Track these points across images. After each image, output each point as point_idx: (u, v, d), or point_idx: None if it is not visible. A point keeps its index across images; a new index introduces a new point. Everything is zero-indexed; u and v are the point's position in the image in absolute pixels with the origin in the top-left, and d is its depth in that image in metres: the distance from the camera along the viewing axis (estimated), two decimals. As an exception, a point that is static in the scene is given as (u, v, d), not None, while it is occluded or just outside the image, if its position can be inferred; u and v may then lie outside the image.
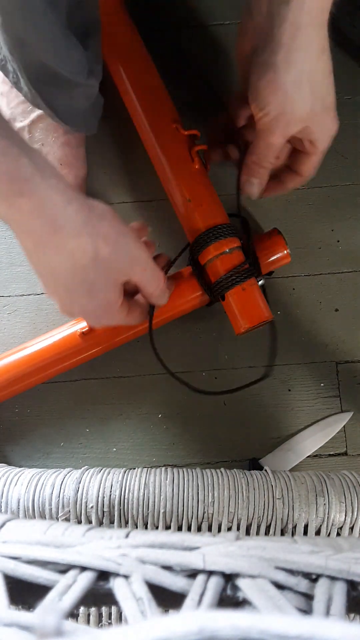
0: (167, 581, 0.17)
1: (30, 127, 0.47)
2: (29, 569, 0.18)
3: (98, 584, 0.18)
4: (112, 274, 0.33)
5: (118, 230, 0.32)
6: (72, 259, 0.31)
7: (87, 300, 0.34)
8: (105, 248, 0.31)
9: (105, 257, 0.32)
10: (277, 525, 0.38)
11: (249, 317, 0.42)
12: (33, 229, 0.29)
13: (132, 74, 0.45)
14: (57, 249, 0.30)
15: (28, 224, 0.29)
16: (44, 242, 0.30)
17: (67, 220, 0.29)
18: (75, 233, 0.30)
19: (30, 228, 0.29)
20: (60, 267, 0.31)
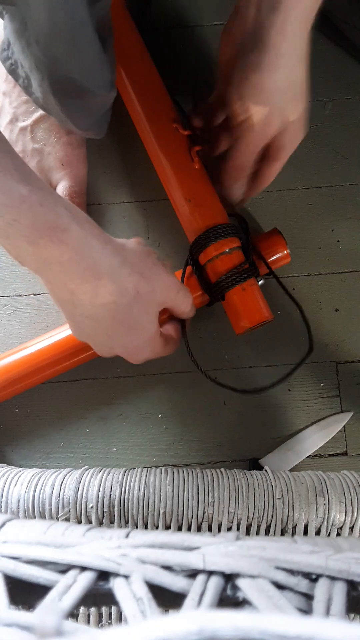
0: (167, 581, 0.17)
1: (33, 127, 0.47)
2: (29, 569, 0.18)
3: (98, 584, 0.18)
4: (152, 307, 0.34)
5: (151, 263, 0.33)
6: (114, 302, 0.31)
7: (129, 339, 0.34)
8: (144, 284, 0.32)
9: (146, 292, 0.32)
10: (277, 525, 0.38)
11: (249, 317, 0.42)
12: (71, 279, 0.29)
13: (132, 74, 0.45)
14: (95, 295, 0.30)
15: (65, 275, 0.29)
16: (82, 290, 0.30)
17: (106, 264, 0.29)
18: (116, 275, 0.30)
19: (68, 279, 0.29)
20: (100, 312, 0.32)
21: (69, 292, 0.30)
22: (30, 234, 0.26)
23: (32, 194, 0.26)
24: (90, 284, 0.29)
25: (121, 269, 0.30)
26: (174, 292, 0.36)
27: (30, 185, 0.26)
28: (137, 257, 0.32)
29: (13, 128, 0.47)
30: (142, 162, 0.49)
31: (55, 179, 0.48)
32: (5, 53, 0.38)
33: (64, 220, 0.27)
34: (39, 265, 0.28)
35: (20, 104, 0.46)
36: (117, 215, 0.51)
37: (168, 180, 0.44)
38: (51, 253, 0.27)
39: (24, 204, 0.25)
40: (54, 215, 0.26)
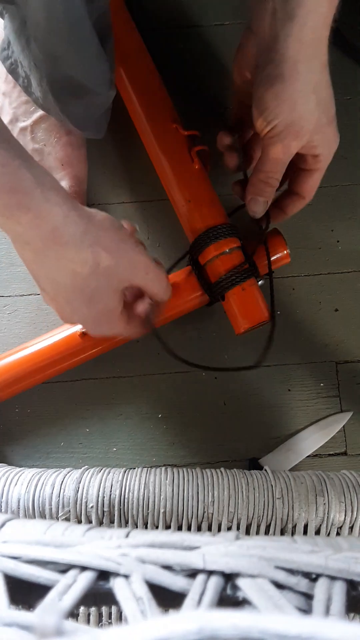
0: (167, 581, 0.17)
1: (33, 127, 0.47)
2: (29, 568, 0.18)
3: (98, 583, 0.18)
4: (114, 282, 0.33)
5: (118, 238, 0.33)
6: (73, 270, 0.31)
7: (87, 310, 0.34)
8: (107, 257, 0.32)
9: (107, 266, 0.32)
10: (277, 525, 0.38)
11: (249, 317, 0.42)
12: (32, 241, 0.29)
13: (132, 74, 0.45)
14: (57, 260, 0.30)
15: (27, 235, 0.29)
16: (44, 254, 0.30)
17: (66, 231, 0.29)
18: (75, 244, 0.30)
19: (30, 240, 0.29)
20: (60, 277, 0.32)
21: (31, 254, 0.31)
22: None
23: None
24: (51, 250, 0.29)
25: (82, 238, 0.30)
26: (141, 271, 0.35)
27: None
28: (103, 230, 0.32)
29: (13, 128, 0.47)
30: (142, 162, 0.49)
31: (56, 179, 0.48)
32: (5, 52, 0.38)
33: (26, 184, 0.27)
34: (1, 223, 0.28)
35: (20, 104, 0.46)
36: (117, 215, 0.51)
37: (168, 181, 0.44)
38: (12, 214, 0.27)
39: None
40: (16, 178, 0.26)
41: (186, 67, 0.52)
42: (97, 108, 0.42)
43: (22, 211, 0.27)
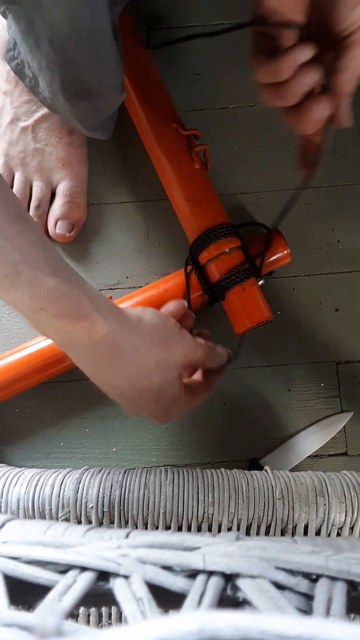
0: (167, 581, 0.17)
1: (34, 126, 0.47)
2: (29, 569, 0.18)
3: (98, 584, 0.18)
4: (174, 372, 0.35)
5: (167, 331, 0.35)
6: (136, 375, 0.33)
7: (155, 405, 0.36)
8: (164, 353, 0.34)
9: (166, 361, 0.34)
10: (277, 526, 0.38)
11: (249, 317, 0.42)
12: (95, 357, 0.32)
13: (133, 74, 0.45)
14: (120, 369, 0.32)
15: (89, 353, 0.31)
16: (107, 366, 0.32)
17: (126, 343, 0.31)
18: (135, 351, 0.32)
19: (92, 356, 0.31)
20: (125, 383, 0.33)
21: (93, 366, 0.33)
22: (55, 321, 0.28)
23: (60, 285, 0.28)
24: (114, 361, 0.32)
25: (140, 344, 0.32)
26: (192, 353, 0.37)
27: (58, 277, 0.28)
28: (154, 329, 0.34)
29: (14, 128, 0.47)
30: (142, 162, 0.49)
31: (56, 179, 0.48)
32: (11, 53, 0.38)
33: (86, 309, 0.29)
34: (63, 344, 0.31)
35: (21, 104, 0.46)
36: (117, 215, 0.51)
37: (168, 180, 0.44)
38: (74, 336, 0.29)
39: (52, 295, 0.27)
40: (78, 304, 0.29)
41: (186, 66, 0.52)
42: (107, 110, 0.42)
43: (85, 333, 0.29)
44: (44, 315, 0.28)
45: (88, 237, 0.51)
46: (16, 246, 0.26)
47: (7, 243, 0.26)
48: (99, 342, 0.30)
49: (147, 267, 0.50)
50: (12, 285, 0.26)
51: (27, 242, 0.27)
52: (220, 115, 0.52)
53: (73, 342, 0.30)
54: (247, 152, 0.51)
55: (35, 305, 0.27)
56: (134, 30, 0.46)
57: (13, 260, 0.26)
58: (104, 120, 0.44)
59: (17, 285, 0.26)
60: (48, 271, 0.27)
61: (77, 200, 0.48)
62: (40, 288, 0.27)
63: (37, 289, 0.27)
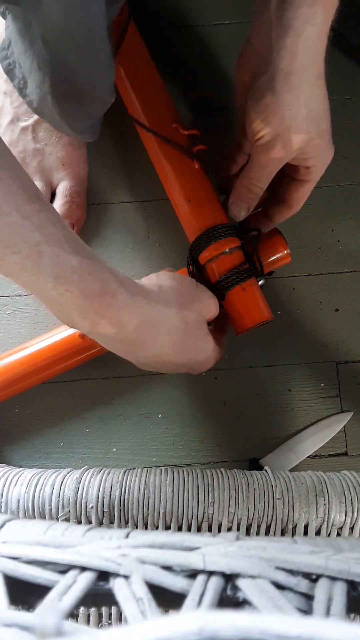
0: (167, 581, 0.17)
1: (34, 126, 0.47)
2: (29, 569, 0.18)
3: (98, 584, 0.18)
4: (203, 328, 0.36)
5: (188, 292, 0.35)
6: (170, 342, 0.33)
7: (193, 361, 0.36)
8: (190, 314, 0.34)
9: (193, 319, 0.35)
10: (277, 526, 0.38)
11: (249, 317, 0.41)
12: (125, 334, 0.31)
13: (132, 73, 0.45)
14: (152, 341, 0.33)
15: (120, 333, 0.30)
16: (139, 342, 0.32)
17: (154, 313, 0.31)
18: (165, 320, 0.32)
19: (123, 336, 0.31)
20: (161, 352, 0.34)
21: (125, 345, 0.32)
22: (81, 302, 0.27)
23: (82, 264, 0.27)
24: (144, 336, 0.32)
25: (168, 312, 0.32)
26: (212, 305, 0.38)
27: (79, 255, 0.27)
28: (176, 292, 0.34)
29: (14, 128, 0.47)
30: (142, 162, 0.49)
31: (56, 179, 0.48)
32: (4, 52, 0.38)
33: (112, 286, 0.28)
34: (91, 329, 0.30)
35: (21, 104, 0.46)
36: (117, 215, 0.51)
37: (168, 180, 0.44)
38: (102, 317, 0.29)
39: (75, 274, 0.26)
40: (102, 282, 0.28)
41: (186, 66, 0.52)
42: (96, 112, 0.42)
43: (112, 312, 0.29)
44: (69, 297, 0.27)
45: (88, 237, 0.51)
46: (35, 225, 0.25)
47: (27, 222, 0.25)
48: (127, 320, 0.30)
49: (147, 267, 0.50)
50: (34, 265, 0.25)
51: (47, 221, 0.26)
52: (220, 115, 0.52)
53: (101, 324, 0.29)
54: (247, 152, 0.51)
55: (59, 287, 0.26)
56: (134, 30, 0.46)
57: (34, 240, 0.25)
58: (92, 123, 0.44)
59: (39, 265, 0.25)
60: (69, 250, 0.26)
61: (77, 200, 0.48)
62: (63, 267, 0.26)
63: (60, 269, 0.26)
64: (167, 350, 0.34)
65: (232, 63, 0.52)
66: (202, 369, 0.39)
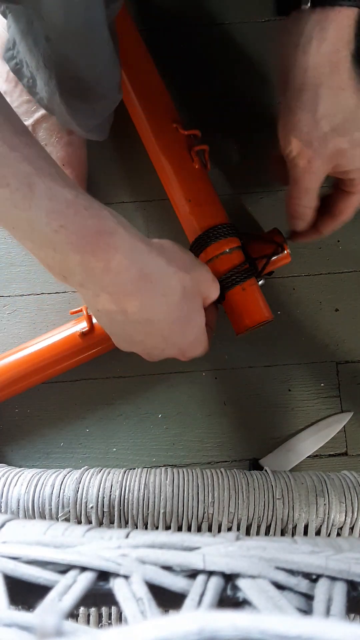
0: (167, 581, 0.17)
1: (34, 126, 0.47)
2: (29, 569, 0.18)
3: (98, 584, 0.18)
4: (198, 300, 0.34)
5: (188, 258, 0.34)
6: (165, 303, 0.31)
7: (184, 337, 0.34)
8: (189, 279, 0.32)
9: (190, 287, 0.33)
10: (277, 526, 0.38)
11: (249, 317, 0.41)
12: (122, 284, 0.28)
13: (133, 74, 0.45)
14: (149, 297, 0.30)
15: (117, 278, 0.27)
16: (136, 295, 0.29)
17: (154, 265, 0.29)
18: (164, 275, 0.30)
19: (120, 283, 0.28)
20: (155, 314, 0.31)
21: (118, 302, 0.29)
22: (78, 240, 0.25)
23: (78, 198, 0.25)
24: (142, 287, 0.29)
25: (168, 269, 0.30)
26: (210, 281, 0.36)
27: (75, 189, 0.25)
28: (177, 254, 0.32)
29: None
30: (142, 162, 0.49)
31: None
32: (10, 52, 0.38)
33: (110, 224, 0.26)
34: (86, 276, 0.27)
35: (21, 104, 0.46)
36: (117, 215, 0.51)
37: (168, 180, 0.44)
38: (100, 259, 0.26)
39: (70, 209, 0.25)
40: (100, 219, 0.26)
41: (187, 66, 0.52)
42: (104, 110, 0.42)
43: (111, 253, 0.26)
44: (65, 235, 0.25)
45: (88, 237, 0.51)
46: (25, 156, 0.24)
47: (15, 153, 0.23)
48: (126, 265, 0.27)
49: (147, 267, 0.50)
50: (25, 199, 0.24)
51: (37, 154, 0.24)
52: (221, 115, 0.52)
53: (97, 268, 0.26)
54: (247, 152, 0.51)
55: (53, 222, 0.24)
56: (134, 30, 0.46)
57: (23, 171, 0.23)
58: (100, 121, 0.44)
59: (30, 199, 0.24)
60: (63, 184, 0.25)
61: None
62: (57, 200, 0.24)
63: (54, 202, 0.24)
64: (160, 315, 0.31)
65: (232, 63, 0.52)
66: (190, 352, 0.36)
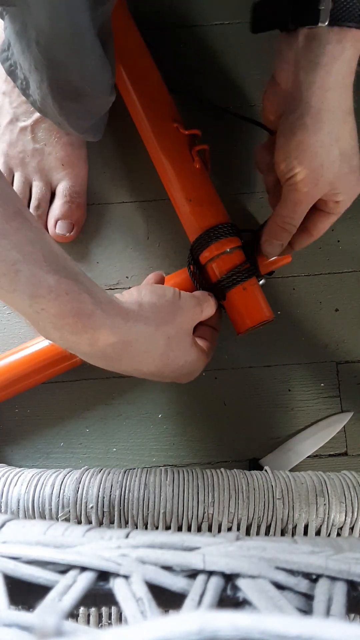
0: (167, 581, 0.17)
1: (33, 126, 0.47)
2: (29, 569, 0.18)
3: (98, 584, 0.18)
4: (186, 339, 0.36)
5: (168, 304, 0.35)
6: (150, 357, 0.33)
7: (176, 373, 0.36)
8: (170, 328, 0.34)
9: (175, 333, 0.34)
10: (277, 526, 0.38)
11: (250, 316, 0.42)
12: (103, 354, 0.31)
13: (133, 73, 0.45)
14: (132, 359, 0.32)
15: (97, 351, 0.30)
16: (118, 360, 0.32)
17: (132, 332, 0.31)
18: (145, 338, 0.32)
19: (101, 354, 0.31)
20: (141, 367, 0.33)
21: (104, 360, 0.32)
22: (57, 321, 0.27)
23: (59, 283, 0.27)
24: (123, 354, 0.31)
25: (147, 330, 0.32)
26: (197, 313, 0.37)
27: (57, 274, 0.27)
28: (156, 309, 0.34)
29: (13, 128, 0.47)
30: (143, 161, 0.49)
31: (56, 179, 0.48)
32: (5, 54, 0.38)
33: (88, 307, 0.28)
34: (68, 347, 0.30)
35: (20, 104, 0.46)
36: (117, 215, 0.51)
37: (169, 180, 0.44)
38: (79, 338, 0.29)
39: (51, 294, 0.26)
40: (79, 302, 0.28)
41: (186, 66, 0.52)
42: (97, 111, 0.42)
43: (89, 332, 0.28)
44: (46, 316, 0.27)
45: (88, 237, 0.51)
46: (14, 244, 0.25)
47: (5, 241, 0.25)
48: (104, 339, 0.30)
49: (147, 267, 0.50)
50: (11, 283, 0.26)
51: (25, 240, 0.26)
52: (221, 115, 0.52)
53: (79, 343, 0.29)
54: (247, 152, 0.51)
55: (35, 305, 0.27)
56: (134, 29, 0.46)
57: (11, 259, 0.25)
58: (94, 122, 0.44)
59: (15, 284, 0.26)
60: (47, 269, 0.26)
61: (77, 200, 0.48)
62: (39, 287, 0.26)
63: (37, 288, 0.26)
64: (147, 365, 0.34)
65: (232, 63, 0.52)
66: (188, 379, 0.39)
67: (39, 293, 0.26)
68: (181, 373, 0.37)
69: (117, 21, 0.46)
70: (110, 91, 0.39)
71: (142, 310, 0.33)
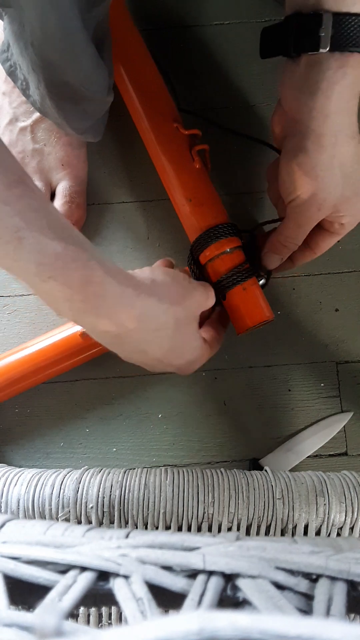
0: (167, 581, 0.17)
1: (33, 127, 0.47)
2: (29, 569, 0.18)
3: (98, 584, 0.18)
4: (193, 325, 0.35)
5: (180, 288, 0.34)
6: (158, 337, 0.32)
7: (180, 359, 0.36)
8: (181, 310, 0.33)
9: (184, 316, 0.34)
10: (277, 526, 0.38)
11: (250, 316, 0.42)
12: (112, 325, 0.30)
13: (133, 73, 0.45)
14: (141, 335, 0.31)
15: (106, 322, 0.29)
16: (126, 335, 0.31)
17: (143, 307, 0.30)
18: (155, 314, 0.31)
19: (110, 325, 0.29)
20: (148, 348, 0.33)
21: (112, 336, 0.31)
22: (65, 290, 0.26)
23: (66, 250, 0.26)
24: (132, 328, 0.30)
25: (158, 307, 0.31)
26: (204, 299, 0.37)
27: (63, 241, 0.26)
28: (168, 288, 0.33)
29: (13, 128, 0.47)
30: (143, 161, 0.49)
31: (56, 179, 0.48)
32: (4, 55, 0.38)
33: (98, 274, 0.27)
34: (77, 318, 0.29)
35: (20, 104, 0.46)
36: (117, 215, 0.51)
37: (169, 180, 0.44)
38: (88, 307, 0.28)
39: (58, 261, 0.26)
40: (88, 270, 0.27)
41: (186, 66, 0.52)
42: (95, 112, 0.42)
43: (99, 301, 0.28)
44: (54, 285, 0.26)
45: (88, 237, 0.50)
46: (16, 210, 0.25)
47: (6, 207, 0.24)
48: (115, 312, 0.29)
49: (147, 267, 0.50)
50: (15, 251, 0.25)
51: (28, 207, 0.25)
52: (221, 115, 0.52)
53: (88, 314, 0.28)
54: (247, 152, 0.51)
55: (42, 274, 0.26)
56: (133, 29, 0.46)
57: (14, 225, 0.25)
58: (93, 123, 0.44)
59: (20, 251, 0.25)
60: (52, 236, 0.26)
61: (76, 200, 0.48)
62: (45, 254, 0.25)
63: (43, 255, 0.25)
64: (154, 347, 0.33)
65: (232, 63, 0.52)
66: (190, 369, 0.38)
67: (45, 261, 0.25)
68: (185, 360, 0.36)
69: (117, 21, 0.46)
70: (108, 92, 0.39)
71: (154, 287, 0.32)
